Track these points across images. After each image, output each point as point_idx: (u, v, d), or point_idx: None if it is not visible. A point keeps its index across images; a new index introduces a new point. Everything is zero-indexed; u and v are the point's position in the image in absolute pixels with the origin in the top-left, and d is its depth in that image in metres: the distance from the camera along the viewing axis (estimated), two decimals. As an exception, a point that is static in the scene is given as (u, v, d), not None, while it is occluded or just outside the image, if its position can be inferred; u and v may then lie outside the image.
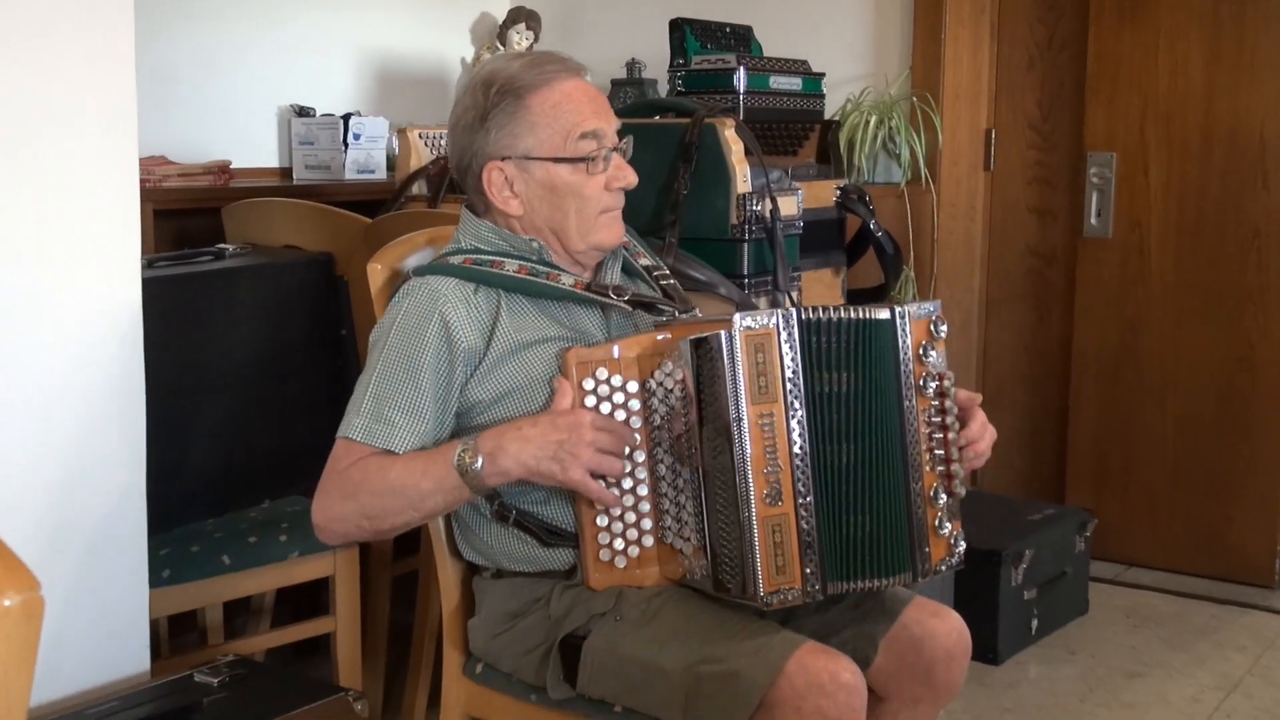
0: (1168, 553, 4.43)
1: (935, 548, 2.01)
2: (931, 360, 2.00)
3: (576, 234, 2.16)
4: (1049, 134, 4.65)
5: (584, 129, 2.12)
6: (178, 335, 2.74)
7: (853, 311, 1.96)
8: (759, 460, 1.88)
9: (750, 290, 3.12)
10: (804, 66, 3.83)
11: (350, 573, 2.88)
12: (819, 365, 1.93)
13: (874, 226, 3.70)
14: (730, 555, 1.90)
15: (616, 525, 2.03)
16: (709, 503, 1.92)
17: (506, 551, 2.13)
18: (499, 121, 2.12)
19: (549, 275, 2.13)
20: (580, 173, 2.13)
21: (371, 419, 2.03)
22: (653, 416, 2.01)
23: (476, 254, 2.15)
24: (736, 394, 1.88)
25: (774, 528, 1.89)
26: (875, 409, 1.96)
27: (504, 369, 2.07)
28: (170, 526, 2.70)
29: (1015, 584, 3.70)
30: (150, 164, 3.71)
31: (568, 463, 1.94)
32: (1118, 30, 4.38)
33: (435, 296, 2.07)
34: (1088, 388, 4.54)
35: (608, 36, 4.96)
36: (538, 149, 2.12)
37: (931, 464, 2.01)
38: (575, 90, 2.14)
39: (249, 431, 2.91)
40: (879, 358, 1.97)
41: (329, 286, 3.11)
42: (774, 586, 1.89)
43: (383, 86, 4.72)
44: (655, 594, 2.02)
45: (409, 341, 2.05)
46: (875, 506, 1.97)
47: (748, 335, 1.89)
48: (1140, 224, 4.42)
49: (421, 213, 3.23)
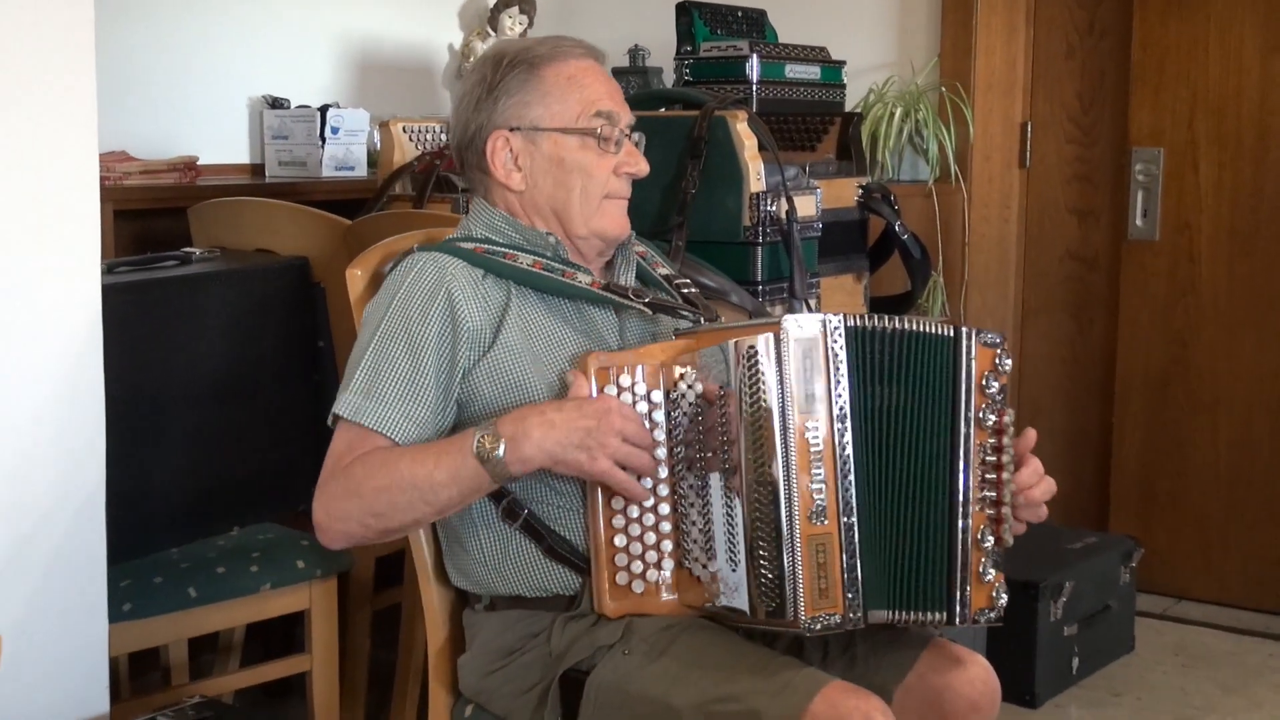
0: (1221, 585, 4.42)
1: (976, 594, 2.01)
2: (993, 392, 2.02)
3: (579, 216, 2.18)
4: (1090, 128, 4.65)
5: (599, 107, 2.17)
6: (139, 347, 2.74)
7: (911, 323, 1.98)
8: (804, 474, 1.89)
9: (764, 298, 3.12)
10: (823, 54, 3.83)
11: (327, 606, 2.88)
12: (869, 377, 1.95)
13: (899, 228, 3.70)
14: (769, 576, 1.91)
15: (635, 546, 2.03)
16: (747, 519, 1.93)
17: (502, 568, 2.12)
18: (508, 89, 2.16)
19: (564, 273, 2.15)
20: (590, 149, 2.17)
21: (363, 395, 2.04)
22: (676, 429, 2.02)
23: (488, 244, 2.16)
24: (783, 402, 1.90)
25: (818, 547, 1.89)
26: (926, 429, 1.98)
27: (510, 365, 2.08)
28: (131, 556, 2.70)
29: (1054, 619, 3.70)
30: (110, 160, 3.71)
31: (595, 451, 1.95)
32: (1164, 15, 4.39)
33: (442, 272, 2.09)
34: (1133, 405, 4.53)
35: (608, 21, 4.96)
36: (548, 119, 2.16)
37: (981, 504, 2.01)
38: (591, 69, 2.20)
39: (217, 452, 2.91)
40: (937, 376, 1.99)
41: (304, 294, 3.11)
42: (816, 611, 1.89)
43: (363, 76, 4.72)
44: (668, 625, 2.02)
45: (411, 316, 2.07)
46: (917, 532, 1.98)
47: (796, 340, 1.90)
48: (1190, 226, 4.42)
49: (406, 213, 3.23)
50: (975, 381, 2.00)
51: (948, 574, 1.99)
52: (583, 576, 2.09)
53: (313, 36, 4.59)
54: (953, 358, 2.00)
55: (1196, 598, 4.45)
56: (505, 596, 2.14)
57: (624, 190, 2.22)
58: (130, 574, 2.68)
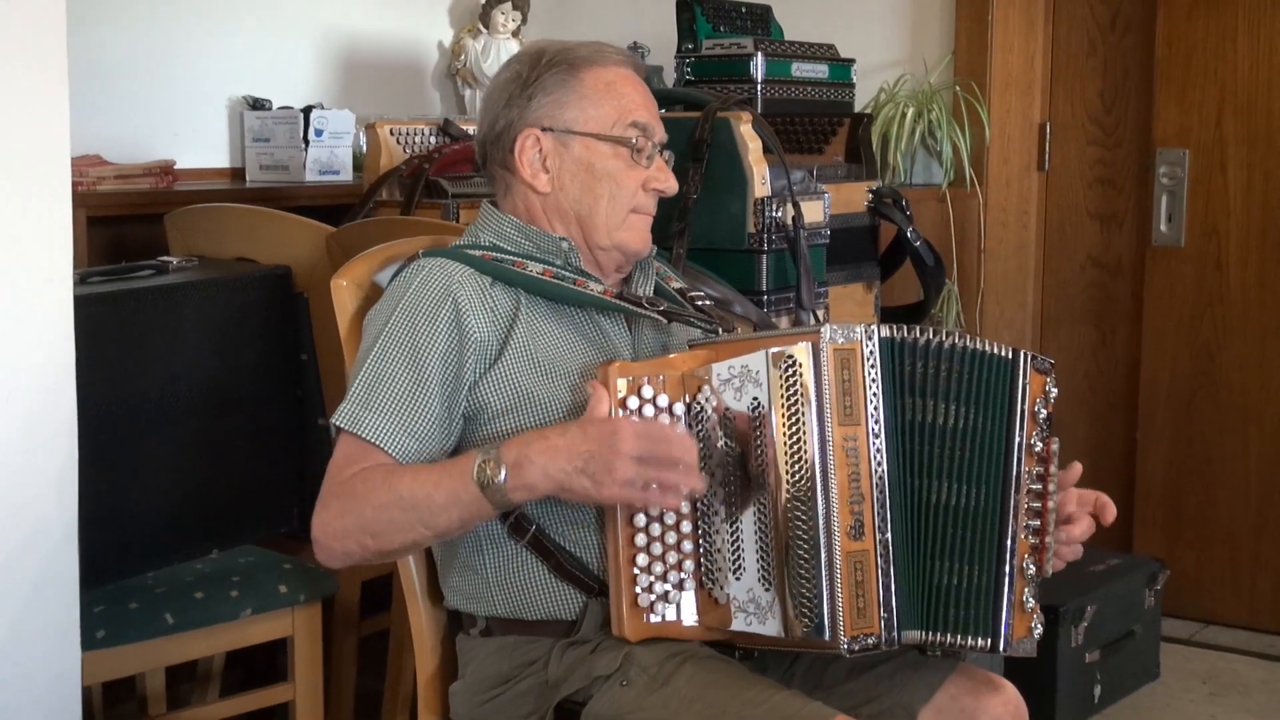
0: (1251, 609, 4.43)
1: (1019, 623, 2.03)
2: (1043, 419, 2.05)
3: (604, 225, 2.20)
4: (1112, 129, 4.66)
5: (636, 117, 2.19)
6: (114, 361, 2.74)
7: (963, 340, 2.01)
8: (843, 488, 1.92)
9: (770, 308, 3.13)
10: (831, 51, 3.85)
11: (311, 633, 2.89)
12: (911, 390, 1.98)
13: (912, 234, 3.71)
14: (806, 594, 1.92)
15: (657, 566, 2.03)
16: (783, 535, 1.94)
17: (506, 585, 2.12)
18: (545, 87, 2.19)
19: (575, 281, 2.16)
20: (623, 158, 2.19)
21: (361, 406, 2.05)
22: (702, 445, 2.02)
23: (496, 251, 2.18)
24: (822, 414, 1.92)
25: (856, 564, 1.92)
26: (982, 451, 2.01)
27: (518, 376, 2.09)
28: (105, 580, 2.71)
29: (1076, 645, 3.70)
30: (83, 164, 3.72)
31: (602, 477, 1.92)
32: (1190, 10, 4.40)
33: (449, 278, 2.10)
34: (1158, 419, 4.54)
35: (606, 17, 4.98)
36: (583, 123, 2.18)
37: (1027, 532, 2.04)
38: (631, 79, 2.23)
39: (195, 472, 2.91)
40: (993, 397, 2.01)
41: (286, 305, 3.12)
42: (855, 631, 1.92)
43: (349, 75, 4.73)
44: (670, 655, 2.03)
45: (416, 325, 2.08)
46: (967, 556, 2.00)
47: (835, 349, 1.93)
48: (1217, 231, 4.43)
49: (393, 220, 3.24)
50: (1029, 408, 2.03)
51: (994, 599, 2.01)
52: (588, 598, 2.09)
53: (296, 34, 4.60)
54: (1010, 381, 2.03)
55: (1225, 622, 4.45)
56: (503, 619, 2.14)
57: (650, 206, 2.25)
58: (104, 599, 2.68)
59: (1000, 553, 2.01)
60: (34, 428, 2.27)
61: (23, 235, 2.24)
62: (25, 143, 2.23)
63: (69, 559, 2.34)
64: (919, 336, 1.99)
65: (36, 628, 2.30)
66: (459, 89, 5.02)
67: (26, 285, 2.25)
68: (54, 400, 2.29)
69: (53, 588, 2.31)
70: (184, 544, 2.93)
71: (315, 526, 2.04)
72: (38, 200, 2.25)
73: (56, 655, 2.33)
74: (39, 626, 2.30)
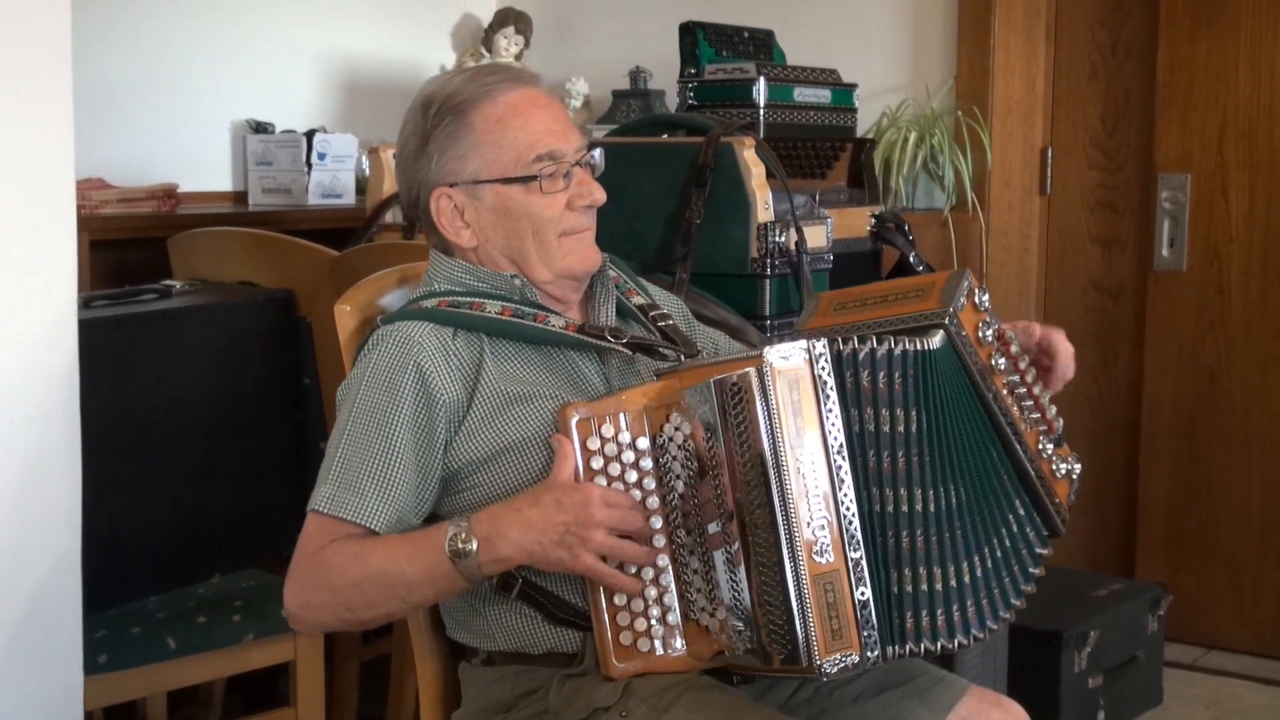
0: (1255, 634, 4.42)
1: (1060, 490, 2.10)
2: (988, 338, 2.05)
3: (539, 262, 2.16)
4: (1114, 153, 4.67)
5: (538, 150, 2.12)
6: (117, 385, 2.75)
7: (897, 343, 1.97)
8: (803, 511, 1.90)
9: (773, 333, 3.13)
10: (833, 76, 3.85)
11: (313, 658, 2.89)
12: (863, 401, 1.95)
13: (914, 259, 3.71)
14: (777, 621, 1.90)
15: (637, 603, 2.02)
16: (748, 563, 1.93)
17: (508, 625, 2.12)
18: (440, 145, 2.13)
19: (536, 317, 2.14)
20: (534, 192, 2.13)
21: (338, 486, 2.04)
22: (666, 476, 2.01)
23: (451, 296, 2.16)
24: (774, 437, 1.89)
25: (825, 586, 1.90)
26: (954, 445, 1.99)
27: (493, 425, 2.07)
28: (107, 604, 2.71)
29: (1079, 670, 3.70)
30: (86, 187, 3.72)
31: (576, 549, 1.93)
32: (1192, 35, 4.41)
33: (408, 345, 2.08)
34: (1160, 443, 4.54)
35: (609, 41, 4.99)
36: (485, 171, 2.13)
37: (1027, 425, 2.07)
38: (522, 102, 2.14)
39: (197, 495, 2.92)
40: (947, 392, 2.00)
41: (289, 329, 3.12)
42: (830, 653, 1.89)
43: (351, 99, 4.75)
44: (669, 685, 2.02)
45: (380, 398, 2.06)
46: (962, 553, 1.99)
47: (781, 372, 1.91)
48: (1219, 255, 4.43)
49: (395, 244, 3.25)
50: (974, 348, 2.03)
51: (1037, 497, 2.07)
52: (585, 634, 2.08)
53: (298, 58, 4.62)
54: (955, 358, 2.01)
55: (1229, 647, 4.44)
56: (506, 652, 2.13)
57: (583, 223, 2.18)
58: (106, 624, 2.68)
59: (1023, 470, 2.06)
60: (38, 451, 2.27)
61: (28, 260, 2.24)
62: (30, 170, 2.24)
63: (72, 583, 2.34)
64: (859, 347, 1.95)
65: (39, 652, 2.30)
66: (461, 113, 5.02)
67: (32, 309, 2.25)
68: (58, 425, 2.30)
69: (55, 612, 2.32)
70: (186, 568, 2.93)
71: (288, 600, 2.05)
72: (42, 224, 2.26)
73: (59, 679, 2.33)
74: (42, 650, 2.30)
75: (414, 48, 4.98)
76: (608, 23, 5.07)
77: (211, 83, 4.37)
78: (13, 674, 2.26)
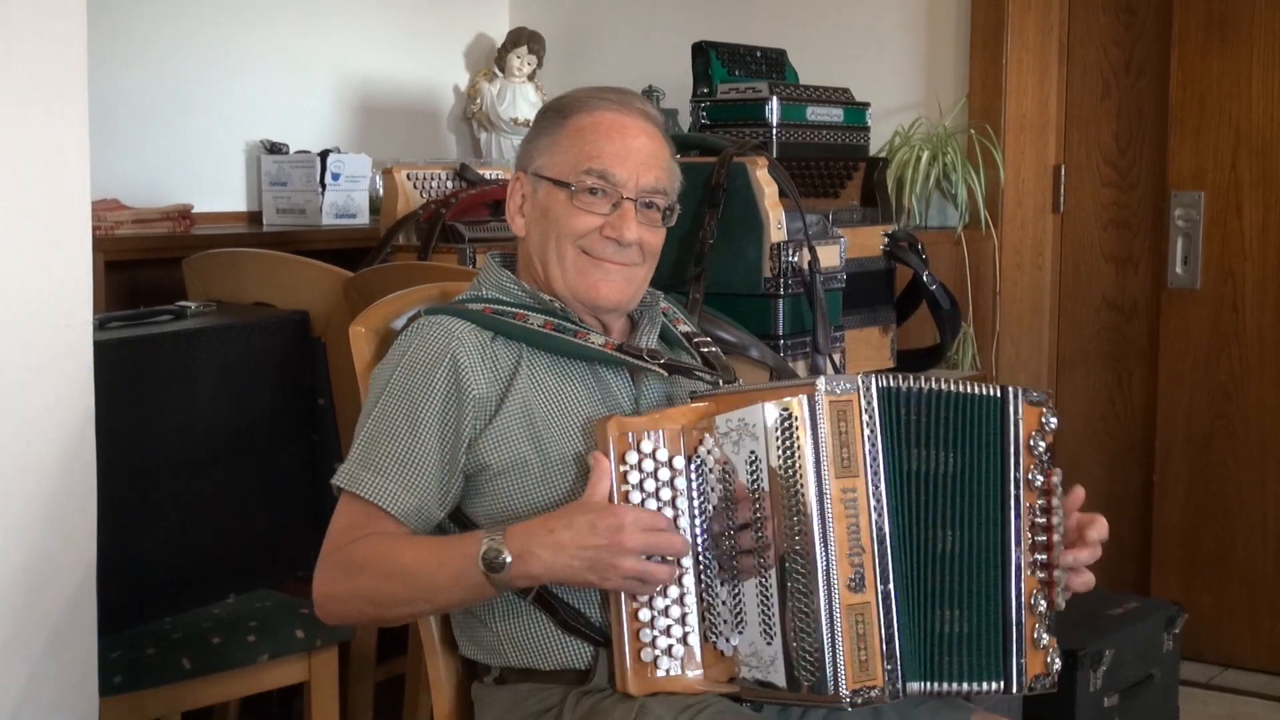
0: (1271, 652, 4.41)
1: (1032, 661, 2.03)
2: (1040, 452, 2.04)
3: (557, 272, 2.18)
4: (1127, 170, 4.67)
5: (594, 165, 2.14)
6: (132, 406, 2.75)
7: (951, 384, 2.01)
8: (843, 541, 1.91)
9: (786, 353, 3.13)
10: (846, 95, 3.86)
11: (327, 678, 2.89)
12: (908, 439, 1.98)
13: (927, 278, 3.71)
14: (808, 648, 1.92)
15: (661, 620, 2.03)
16: (783, 590, 1.94)
17: (516, 638, 2.13)
18: (534, 135, 2.22)
19: (577, 333, 2.15)
20: (570, 201, 2.15)
21: (360, 465, 2.06)
22: (699, 498, 2.02)
23: (498, 304, 2.18)
24: (819, 466, 1.92)
25: (857, 617, 1.91)
26: (977, 494, 2.01)
27: (519, 434, 2.09)
28: (123, 626, 2.71)
29: (1094, 689, 3.69)
30: (101, 208, 3.74)
31: (607, 573, 1.95)
32: (1205, 52, 4.41)
33: (448, 337, 2.10)
34: (1175, 461, 4.53)
35: (621, 61, 5.00)
36: (547, 168, 2.17)
37: (1033, 568, 2.04)
38: (612, 123, 2.16)
39: (212, 516, 2.92)
40: (984, 439, 2.01)
41: (303, 349, 3.13)
42: (858, 684, 1.91)
43: (366, 119, 4.76)
44: (684, 707, 2.02)
45: (414, 384, 2.08)
46: (970, 601, 2.00)
47: (831, 402, 1.93)
48: (1233, 273, 4.43)
49: (410, 265, 3.25)
50: (1023, 443, 2.03)
51: (1003, 642, 2.01)
52: (598, 649, 2.09)
53: (312, 78, 4.63)
54: (1000, 419, 2.02)
55: (1245, 666, 4.43)
56: (517, 669, 2.14)
57: (605, 251, 2.16)
58: (121, 645, 2.68)
59: (1005, 592, 2.01)
60: (54, 473, 2.27)
61: (43, 282, 2.25)
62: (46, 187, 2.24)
63: (87, 604, 2.34)
64: (913, 385, 1.99)
65: (55, 673, 2.30)
66: (475, 133, 5.04)
67: (47, 331, 2.26)
68: (74, 446, 2.30)
69: (71, 633, 2.32)
70: (201, 589, 2.93)
71: (316, 588, 2.06)
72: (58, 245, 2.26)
73: (75, 701, 2.33)
74: (57, 672, 2.30)
75: (428, 68, 4.99)
76: (620, 42, 5.09)
77: (226, 104, 4.38)
78: (30, 695, 2.26)
